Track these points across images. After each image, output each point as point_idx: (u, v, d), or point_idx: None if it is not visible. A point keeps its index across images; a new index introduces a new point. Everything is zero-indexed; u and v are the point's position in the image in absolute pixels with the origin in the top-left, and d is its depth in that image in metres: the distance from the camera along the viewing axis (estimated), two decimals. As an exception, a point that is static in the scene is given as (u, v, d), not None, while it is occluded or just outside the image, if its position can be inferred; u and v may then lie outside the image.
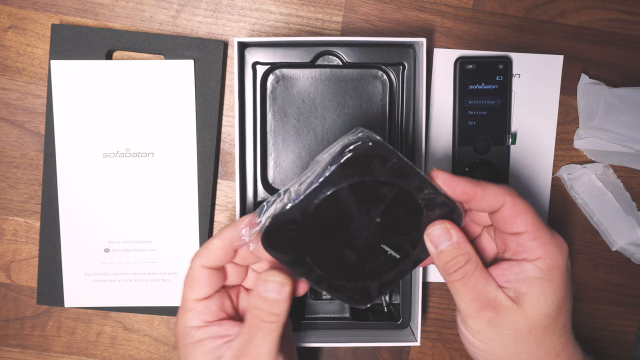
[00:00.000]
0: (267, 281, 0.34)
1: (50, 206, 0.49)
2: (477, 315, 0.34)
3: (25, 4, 0.50)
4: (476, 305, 0.34)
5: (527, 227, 0.33)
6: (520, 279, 0.33)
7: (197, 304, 0.35)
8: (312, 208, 0.32)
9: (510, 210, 0.34)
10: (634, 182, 0.52)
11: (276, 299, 0.34)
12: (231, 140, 0.51)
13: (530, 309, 0.33)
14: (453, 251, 0.34)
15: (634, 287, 0.52)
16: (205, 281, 0.35)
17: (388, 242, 0.35)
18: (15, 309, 0.51)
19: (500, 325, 0.34)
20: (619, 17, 0.51)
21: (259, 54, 0.46)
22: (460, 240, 0.34)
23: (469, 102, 0.49)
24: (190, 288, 0.36)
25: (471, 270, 0.34)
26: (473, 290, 0.34)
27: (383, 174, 0.32)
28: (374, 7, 0.50)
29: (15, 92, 0.50)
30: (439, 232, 0.34)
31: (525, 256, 0.34)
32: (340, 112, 0.48)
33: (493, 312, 0.33)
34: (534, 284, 0.33)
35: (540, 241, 0.33)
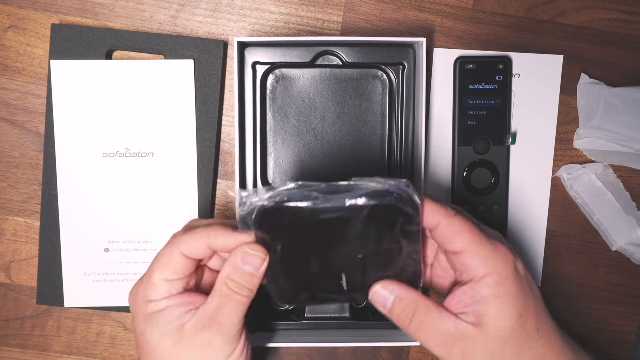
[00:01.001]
0: (248, 254, 0.34)
1: (50, 206, 0.49)
2: (449, 354, 0.34)
3: (25, 4, 0.50)
4: (444, 346, 0.34)
5: (465, 245, 0.33)
6: (475, 301, 0.33)
7: (163, 282, 0.35)
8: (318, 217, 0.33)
9: (445, 231, 0.34)
10: (634, 182, 0.52)
11: (252, 274, 0.34)
12: (231, 140, 0.51)
13: (493, 328, 0.33)
14: (399, 306, 0.34)
15: (634, 287, 0.52)
16: (180, 267, 0.35)
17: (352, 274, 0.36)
18: (15, 309, 0.51)
19: (474, 354, 0.34)
20: (619, 17, 0.51)
21: (259, 54, 0.46)
22: (401, 293, 0.34)
23: (469, 102, 0.49)
24: (162, 268, 0.35)
25: (423, 316, 0.34)
26: (433, 332, 0.34)
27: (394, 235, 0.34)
28: (374, 7, 0.50)
29: (15, 92, 0.50)
30: (380, 294, 0.35)
31: (472, 276, 0.34)
32: (340, 112, 0.48)
33: (461, 344, 0.33)
34: (489, 303, 0.33)
35: (481, 258, 0.33)
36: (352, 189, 0.33)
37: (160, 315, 0.35)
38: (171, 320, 0.35)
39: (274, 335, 0.46)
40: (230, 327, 0.35)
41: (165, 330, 0.35)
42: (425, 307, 0.34)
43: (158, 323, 0.35)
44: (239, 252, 0.34)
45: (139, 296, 0.36)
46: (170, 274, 0.35)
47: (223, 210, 0.51)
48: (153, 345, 0.35)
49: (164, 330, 0.35)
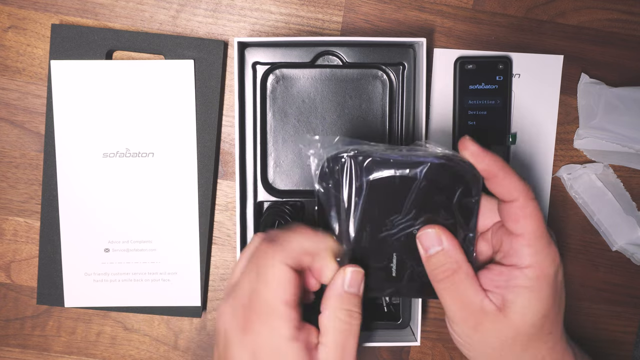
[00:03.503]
0: (346, 272, 0.33)
1: (50, 206, 0.49)
2: (463, 321, 0.34)
3: (25, 4, 0.50)
4: (462, 313, 0.34)
5: (525, 232, 0.33)
6: (508, 286, 0.33)
7: (287, 309, 0.31)
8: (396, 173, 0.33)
9: (517, 210, 0.33)
10: (634, 182, 0.52)
11: (357, 294, 0.33)
12: (231, 140, 0.51)
13: (515, 318, 0.33)
14: (441, 258, 0.34)
15: (634, 287, 0.52)
16: (291, 282, 0.31)
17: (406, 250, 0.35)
18: (15, 309, 0.51)
19: (485, 332, 0.34)
20: (619, 17, 0.51)
21: (259, 54, 0.46)
22: (450, 247, 0.34)
23: (469, 102, 0.49)
24: (279, 289, 0.31)
25: (458, 280, 0.33)
26: (459, 299, 0.34)
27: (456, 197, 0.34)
28: (374, 7, 0.50)
29: (15, 92, 0.50)
30: (430, 236, 0.34)
31: (515, 262, 0.33)
32: (340, 112, 0.48)
33: (478, 320, 0.33)
34: (521, 293, 0.33)
35: (533, 249, 0.33)
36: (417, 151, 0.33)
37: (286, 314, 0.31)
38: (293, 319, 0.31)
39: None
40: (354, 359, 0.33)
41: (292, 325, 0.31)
42: (465, 273, 0.33)
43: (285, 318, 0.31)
44: (339, 278, 0.32)
45: (268, 335, 0.31)
46: (290, 295, 0.31)
47: (223, 210, 0.51)
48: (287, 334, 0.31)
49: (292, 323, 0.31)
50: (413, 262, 0.35)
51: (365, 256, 0.35)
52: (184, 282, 0.50)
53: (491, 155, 0.33)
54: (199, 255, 0.50)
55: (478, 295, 0.33)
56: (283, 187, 0.48)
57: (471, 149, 0.33)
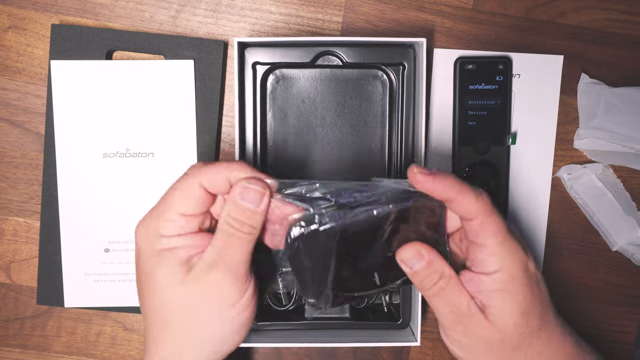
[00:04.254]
0: (246, 188, 0.33)
1: (50, 206, 0.49)
2: (454, 327, 0.35)
3: (25, 4, 0.50)
4: (451, 318, 0.35)
5: (487, 243, 0.34)
6: (482, 291, 0.34)
7: (179, 217, 0.33)
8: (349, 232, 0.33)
9: (477, 227, 0.34)
10: (634, 182, 0.52)
11: (253, 210, 0.33)
12: (231, 141, 0.51)
13: (496, 321, 0.34)
14: (426, 269, 0.34)
15: (634, 287, 0.52)
16: (198, 201, 0.33)
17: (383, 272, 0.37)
18: (15, 309, 0.51)
19: (473, 337, 0.34)
20: (619, 17, 0.51)
21: (259, 54, 0.46)
22: (432, 258, 0.34)
23: (469, 102, 0.49)
24: (180, 201, 0.33)
25: (444, 285, 0.34)
26: (448, 304, 0.34)
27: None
28: (374, 7, 0.50)
29: (15, 92, 0.50)
30: (410, 254, 0.35)
31: (482, 269, 0.34)
32: (340, 112, 0.48)
33: (467, 325, 0.34)
34: (494, 297, 0.34)
35: (497, 256, 0.34)
36: (374, 189, 0.34)
37: (171, 254, 0.33)
38: (182, 260, 0.33)
39: (274, 335, 0.46)
40: (237, 267, 0.33)
41: (175, 269, 0.33)
42: (449, 277, 0.34)
43: (168, 262, 0.33)
44: (237, 188, 0.33)
45: (150, 229, 0.34)
46: (188, 208, 0.33)
47: (223, 210, 0.51)
48: (161, 285, 0.33)
49: (174, 270, 0.33)
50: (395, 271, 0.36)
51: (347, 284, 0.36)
52: (184, 282, 0.50)
53: (443, 180, 0.33)
54: (199, 255, 0.50)
55: (465, 298, 0.34)
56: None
57: (421, 181, 0.33)
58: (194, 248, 0.34)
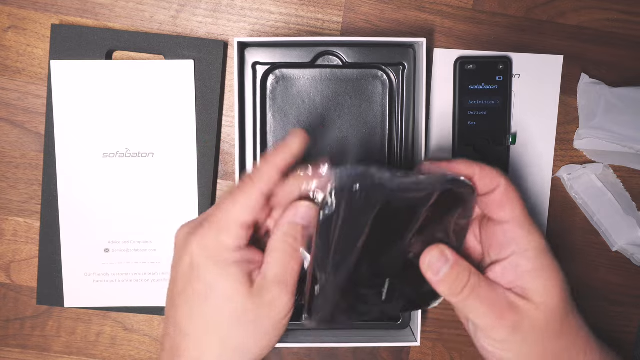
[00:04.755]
0: (305, 207, 0.33)
1: (50, 206, 0.49)
2: (499, 324, 0.33)
3: (25, 4, 0.50)
4: (495, 314, 0.33)
5: (514, 215, 0.33)
6: (520, 274, 0.33)
7: (240, 228, 0.33)
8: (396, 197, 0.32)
9: (502, 195, 0.33)
10: (634, 182, 0.52)
11: (306, 227, 0.34)
12: (231, 140, 0.51)
13: (541, 300, 0.33)
14: (454, 272, 0.33)
15: (634, 287, 0.52)
16: (258, 208, 0.33)
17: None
18: (15, 309, 0.51)
19: (523, 328, 0.33)
20: (619, 17, 0.51)
21: (259, 54, 0.46)
22: (456, 257, 0.34)
23: (469, 102, 0.49)
24: (241, 209, 0.33)
25: (477, 281, 0.33)
26: (487, 301, 0.33)
27: None
28: (374, 7, 0.50)
29: (15, 92, 0.50)
30: (436, 257, 0.34)
31: (514, 248, 0.33)
32: (340, 112, 0.48)
33: (514, 316, 0.32)
34: (535, 275, 0.33)
35: (526, 230, 0.33)
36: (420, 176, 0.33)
37: (237, 266, 0.33)
38: (246, 273, 0.33)
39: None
40: (294, 284, 0.34)
41: (241, 281, 0.32)
42: (477, 275, 0.33)
43: (235, 274, 0.33)
44: (293, 208, 0.33)
45: (210, 239, 0.33)
46: (249, 216, 0.33)
47: (223, 210, 0.51)
48: (224, 296, 0.33)
49: (241, 282, 0.32)
50: (403, 284, 0.35)
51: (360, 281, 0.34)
52: (184, 282, 0.50)
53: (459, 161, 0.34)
54: (199, 255, 0.50)
55: (501, 291, 0.33)
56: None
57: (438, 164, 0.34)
58: (252, 263, 0.34)
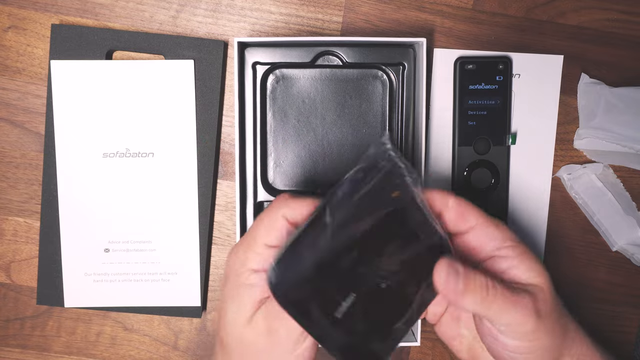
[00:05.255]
0: None
1: (50, 206, 0.49)
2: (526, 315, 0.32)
3: (25, 4, 0.50)
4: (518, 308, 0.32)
5: (479, 217, 0.34)
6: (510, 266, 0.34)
7: (266, 249, 0.34)
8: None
9: (457, 208, 0.34)
10: (634, 182, 0.52)
11: None
12: (231, 140, 0.51)
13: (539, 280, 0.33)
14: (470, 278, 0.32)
15: (634, 287, 0.52)
16: (282, 231, 0.34)
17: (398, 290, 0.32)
18: (15, 309, 0.51)
19: (542, 311, 0.33)
20: (619, 17, 0.51)
21: (259, 54, 0.46)
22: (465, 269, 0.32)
23: (469, 102, 0.49)
24: (267, 232, 0.34)
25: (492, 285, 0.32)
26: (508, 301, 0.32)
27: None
28: (374, 7, 0.50)
29: (15, 92, 0.50)
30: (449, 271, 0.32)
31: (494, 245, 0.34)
32: (340, 112, 0.48)
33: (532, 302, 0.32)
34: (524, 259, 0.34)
35: (493, 224, 0.34)
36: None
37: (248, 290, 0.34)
38: (255, 299, 0.33)
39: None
40: None
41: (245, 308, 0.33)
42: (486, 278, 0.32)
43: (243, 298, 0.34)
44: None
45: (239, 259, 0.34)
46: (274, 239, 0.34)
47: (223, 210, 0.51)
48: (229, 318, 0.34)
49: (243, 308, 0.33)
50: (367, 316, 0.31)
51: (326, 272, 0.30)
52: (184, 282, 0.50)
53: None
54: (199, 255, 0.50)
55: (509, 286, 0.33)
56: (283, 187, 0.48)
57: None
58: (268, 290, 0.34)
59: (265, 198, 0.47)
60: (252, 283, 0.34)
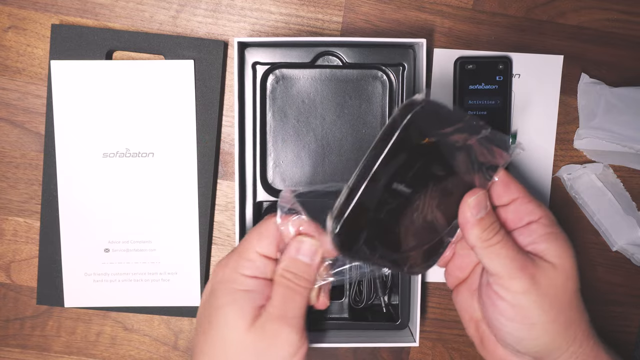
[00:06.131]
0: (302, 242, 0.35)
1: (50, 206, 0.49)
2: (520, 274, 0.34)
3: (25, 4, 0.50)
4: (517, 265, 0.34)
5: (521, 191, 0.36)
6: (535, 239, 0.35)
7: (258, 257, 0.35)
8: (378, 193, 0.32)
9: (503, 180, 0.36)
10: (634, 182, 0.52)
11: (309, 264, 0.35)
12: (231, 141, 0.51)
13: (558, 262, 0.34)
14: (490, 217, 0.35)
15: (634, 287, 0.52)
16: (275, 240, 0.35)
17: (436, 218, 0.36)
18: (15, 309, 0.51)
19: (541, 283, 0.34)
20: (619, 17, 0.51)
21: (259, 54, 0.46)
22: (491, 209, 0.35)
23: (469, 102, 0.49)
24: (259, 240, 0.35)
25: (505, 236, 0.35)
26: (512, 251, 0.34)
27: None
28: (374, 7, 0.50)
29: (15, 92, 0.50)
30: (475, 203, 0.35)
31: (528, 219, 0.35)
32: (340, 112, 0.48)
33: (534, 269, 0.34)
34: (550, 239, 0.35)
35: (535, 202, 0.36)
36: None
37: (246, 295, 0.34)
38: (255, 305, 0.34)
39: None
40: (298, 320, 0.34)
41: (246, 312, 0.34)
42: (504, 231, 0.35)
43: (242, 302, 0.34)
44: (293, 242, 0.35)
45: (229, 266, 0.35)
46: (267, 248, 0.35)
47: (223, 210, 0.51)
48: (229, 324, 0.34)
49: (245, 312, 0.34)
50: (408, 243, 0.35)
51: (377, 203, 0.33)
52: (184, 282, 0.50)
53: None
54: (199, 255, 0.50)
55: (521, 249, 0.35)
56: (282, 187, 0.48)
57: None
58: (264, 294, 0.35)
59: (264, 198, 0.47)
60: (249, 289, 0.34)
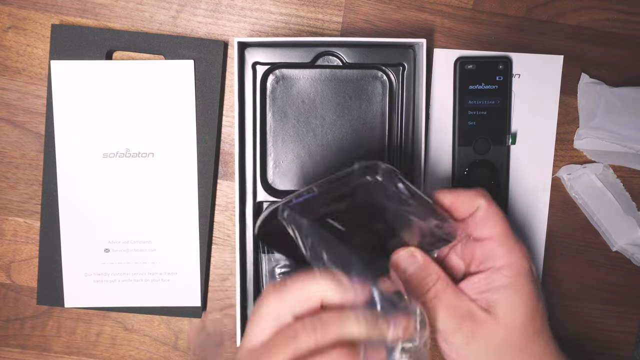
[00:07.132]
0: None
1: (50, 206, 0.49)
2: (457, 330, 0.34)
3: (25, 4, 0.50)
4: (454, 321, 0.34)
5: (494, 233, 0.34)
6: (490, 288, 0.34)
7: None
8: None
9: (482, 214, 0.34)
10: (634, 182, 0.52)
11: None
12: (231, 141, 0.51)
13: (505, 318, 0.34)
14: (421, 272, 0.34)
15: (634, 287, 0.52)
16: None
17: None
18: (15, 309, 0.51)
19: (479, 337, 0.34)
20: (619, 17, 0.51)
21: (259, 54, 0.46)
22: (427, 261, 0.35)
23: (469, 102, 0.49)
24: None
25: (442, 287, 0.34)
26: (448, 307, 0.34)
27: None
28: (374, 7, 0.50)
29: (15, 92, 0.50)
30: (404, 258, 0.35)
31: (491, 264, 0.34)
32: (340, 112, 0.48)
33: (471, 324, 0.34)
34: (504, 292, 0.34)
35: (505, 248, 0.34)
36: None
37: None
38: None
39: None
40: None
41: None
42: (446, 281, 0.34)
43: None
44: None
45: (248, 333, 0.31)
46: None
47: (223, 211, 0.51)
48: None
49: None
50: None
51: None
52: (184, 283, 0.50)
53: (439, 192, 0.36)
54: (199, 255, 0.50)
55: (465, 300, 0.34)
56: (282, 187, 0.48)
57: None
58: None
59: (264, 198, 0.47)
60: None
